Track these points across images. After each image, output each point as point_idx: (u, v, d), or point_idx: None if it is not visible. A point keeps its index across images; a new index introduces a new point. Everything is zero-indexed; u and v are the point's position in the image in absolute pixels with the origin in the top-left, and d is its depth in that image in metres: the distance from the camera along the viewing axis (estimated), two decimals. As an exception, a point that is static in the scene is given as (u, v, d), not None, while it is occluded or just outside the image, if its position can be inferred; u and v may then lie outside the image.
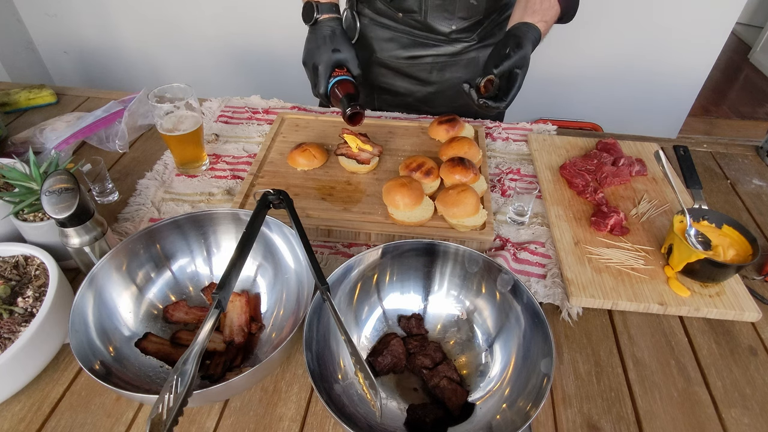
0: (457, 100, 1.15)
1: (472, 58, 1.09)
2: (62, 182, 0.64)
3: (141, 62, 2.27)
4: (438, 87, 1.13)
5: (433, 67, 1.10)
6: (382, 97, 1.20)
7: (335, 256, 0.81)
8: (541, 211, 0.90)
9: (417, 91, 1.15)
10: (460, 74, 1.11)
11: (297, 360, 0.67)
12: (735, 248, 0.76)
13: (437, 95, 1.15)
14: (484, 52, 1.09)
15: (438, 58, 1.08)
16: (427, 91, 1.15)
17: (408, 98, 1.17)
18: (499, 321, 0.66)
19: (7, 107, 1.17)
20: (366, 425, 0.56)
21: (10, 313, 0.62)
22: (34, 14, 2.18)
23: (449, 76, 1.11)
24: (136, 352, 0.64)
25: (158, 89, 0.93)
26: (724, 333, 0.72)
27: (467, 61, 1.09)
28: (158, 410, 0.46)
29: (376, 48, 1.11)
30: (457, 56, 1.09)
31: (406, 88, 1.15)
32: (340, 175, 0.95)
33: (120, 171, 1.00)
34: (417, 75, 1.12)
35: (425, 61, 1.09)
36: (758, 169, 1.04)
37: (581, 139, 1.08)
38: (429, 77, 1.12)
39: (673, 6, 1.81)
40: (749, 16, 3.60)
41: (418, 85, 1.14)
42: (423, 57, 1.08)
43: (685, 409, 0.63)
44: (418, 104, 1.18)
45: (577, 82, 2.05)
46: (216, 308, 0.55)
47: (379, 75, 1.15)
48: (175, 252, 0.73)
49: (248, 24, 2.08)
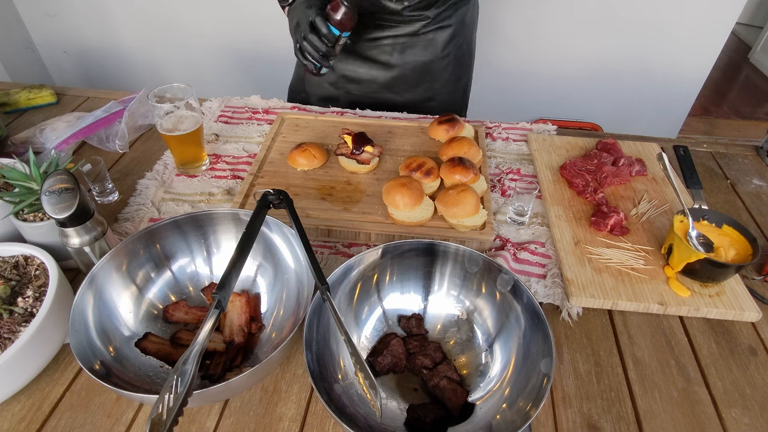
0: (420, 84, 1.17)
1: (431, 39, 1.11)
2: (62, 182, 0.64)
3: (141, 62, 2.27)
4: (400, 70, 1.14)
5: (393, 48, 1.11)
6: (346, 87, 1.20)
7: (335, 256, 0.81)
8: (541, 211, 0.90)
9: (380, 76, 1.16)
10: (420, 56, 1.12)
11: (297, 360, 0.67)
12: (735, 248, 0.76)
13: (400, 79, 1.16)
14: (440, 33, 1.10)
15: (397, 39, 1.10)
16: (390, 76, 1.15)
17: (372, 84, 1.18)
18: (499, 321, 0.66)
19: (7, 107, 1.17)
20: (366, 425, 0.56)
21: (10, 313, 0.62)
22: (34, 14, 2.18)
23: (410, 59, 1.13)
24: (136, 352, 0.64)
25: (158, 89, 0.93)
26: (724, 333, 0.72)
27: (426, 42, 1.11)
28: (158, 410, 0.46)
29: None
30: (416, 36, 1.10)
31: (370, 74, 1.16)
32: (340, 175, 0.95)
33: (120, 171, 1.00)
34: (378, 58, 1.13)
35: (385, 42, 1.10)
36: (758, 169, 1.04)
37: (581, 139, 1.08)
38: (390, 59, 1.13)
39: (673, 6, 1.81)
40: (749, 16, 3.60)
41: (381, 69, 1.15)
42: (382, 38, 1.10)
43: (685, 409, 0.63)
44: (382, 91, 1.18)
45: (577, 82, 2.05)
46: (216, 308, 0.55)
47: (341, 61, 1.16)
48: (175, 252, 0.73)
49: (248, 24, 2.08)
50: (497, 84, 2.10)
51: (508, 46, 2.01)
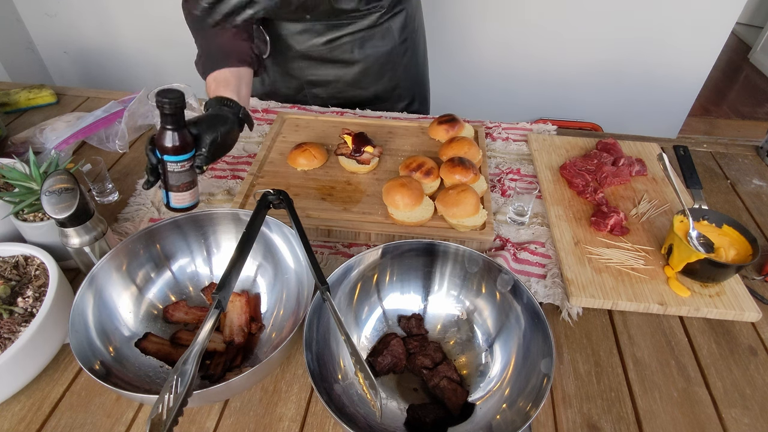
0: (384, 75, 1.16)
1: (387, 28, 1.09)
2: (62, 182, 0.64)
3: (141, 62, 2.27)
4: (363, 65, 1.13)
5: (353, 45, 1.09)
6: (312, 92, 1.19)
7: (335, 256, 0.81)
8: (541, 211, 0.90)
9: (344, 75, 1.15)
10: (379, 47, 1.11)
11: (297, 360, 0.67)
12: (735, 248, 0.76)
13: (364, 74, 1.15)
14: (395, 20, 1.10)
15: (355, 35, 1.08)
16: (354, 72, 1.14)
17: (338, 84, 1.16)
18: (499, 321, 0.66)
19: (7, 107, 1.17)
20: (366, 425, 0.56)
21: (10, 313, 0.62)
22: (34, 14, 2.18)
23: (371, 51, 1.11)
24: (136, 352, 0.64)
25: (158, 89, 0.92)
26: (724, 333, 0.72)
27: (383, 32, 1.10)
28: (158, 410, 0.46)
29: (292, 43, 1.09)
30: (372, 28, 1.08)
31: (334, 74, 1.15)
32: (340, 175, 0.95)
33: (120, 171, 1.00)
34: (340, 57, 1.11)
35: (344, 41, 1.08)
36: (758, 169, 1.04)
37: (581, 139, 1.08)
38: (352, 56, 1.11)
39: (673, 6, 1.81)
40: (749, 16, 3.60)
41: (344, 67, 1.13)
42: (341, 38, 1.08)
43: (685, 409, 0.63)
44: (348, 89, 1.17)
45: (577, 82, 2.05)
46: (216, 308, 0.55)
47: (303, 68, 1.14)
48: (175, 252, 0.73)
49: (248, 24, 2.07)
50: (497, 84, 2.10)
51: (508, 47, 2.01)
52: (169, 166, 0.72)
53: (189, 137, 0.72)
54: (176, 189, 0.74)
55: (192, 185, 0.76)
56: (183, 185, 0.74)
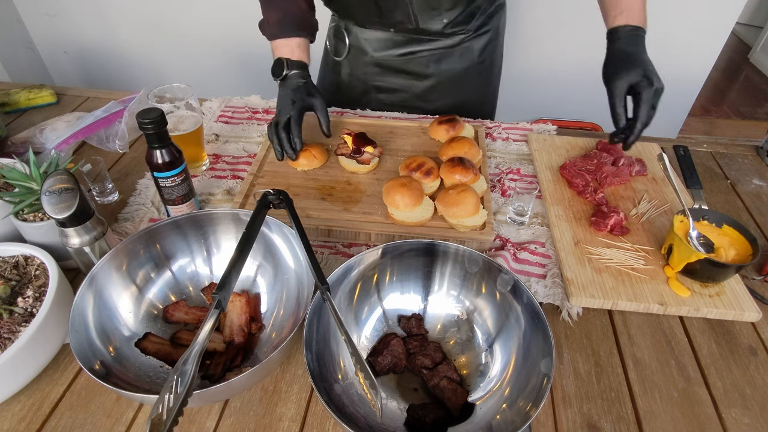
0: (453, 92, 1.15)
1: (467, 48, 1.09)
2: (62, 182, 0.64)
3: (141, 62, 2.27)
4: (435, 80, 1.13)
5: (429, 59, 1.09)
6: (377, 97, 1.19)
7: (335, 256, 0.81)
8: (541, 211, 0.90)
9: (413, 86, 1.14)
10: (456, 65, 1.10)
11: (297, 360, 0.67)
12: (735, 248, 0.76)
13: (434, 89, 1.14)
14: (477, 41, 1.09)
15: (434, 51, 1.08)
16: (424, 86, 1.14)
17: (404, 94, 1.16)
18: (499, 321, 0.66)
19: (7, 107, 1.17)
20: (366, 425, 0.56)
21: (10, 313, 0.62)
22: (34, 14, 2.18)
23: (446, 68, 1.11)
24: (136, 352, 0.64)
25: (158, 89, 0.93)
26: (724, 333, 0.72)
27: (463, 50, 1.09)
28: (158, 410, 0.46)
29: (369, 49, 1.10)
30: (454, 47, 1.08)
31: (402, 84, 1.15)
32: (340, 175, 0.95)
33: (120, 171, 1.00)
34: (413, 70, 1.11)
35: (421, 55, 1.08)
36: (758, 169, 1.04)
37: (581, 139, 1.08)
38: (425, 70, 1.11)
39: (673, 6, 1.81)
40: (749, 16, 3.60)
41: (415, 79, 1.13)
42: (419, 52, 1.08)
43: (685, 409, 0.63)
44: (414, 100, 1.17)
45: (577, 82, 2.04)
46: (216, 308, 0.55)
47: (374, 74, 1.14)
48: (175, 252, 0.73)
49: (248, 24, 2.06)
50: (497, 84, 2.09)
51: (508, 47, 2.00)
52: (162, 182, 0.76)
53: (177, 152, 0.76)
54: (172, 203, 0.79)
55: (187, 198, 0.80)
56: (178, 198, 0.79)
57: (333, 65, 1.19)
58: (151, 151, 0.74)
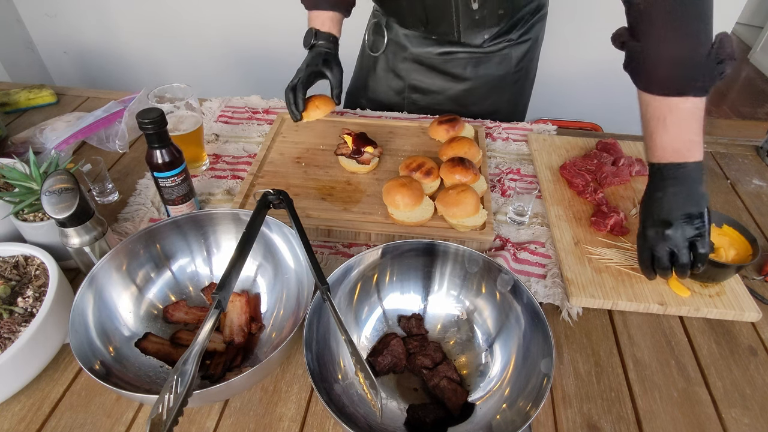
0: (489, 98, 1.14)
1: (506, 55, 1.08)
2: (62, 182, 0.64)
3: (141, 62, 2.27)
4: (472, 84, 1.12)
5: (467, 62, 1.09)
6: (411, 97, 1.18)
7: (335, 256, 0.81)
8: (541, 211, 0.90)
9: (450, 89, 1.13)
10: (493, 71, 1.10)
11: (297, 360, 0.67)
12: (735, 248, 0.76)
13: (470, 93, 1.13)
14: (517, 49, 1.08)
15: (473, 54, 1.08)
16: (460, 89, 1.13)
17: (439, 96, 1.15)
18: (499, 321, 0.66)
19: (7, 107, 1.17)
20: (366, 425, 0.56)
21: (10, 313, 0.62)
22: (34, 14, 2.18)
23: (483, 73, 1.10)
24: (136, 352, 0.64)
25: (158, 89, 0.93)
26: (724, 333, 0.72)
27: (501, 57, 1.09)
28: (158, 410, 0.46)
29: (407, 44, 1.10)
30: (493, 53, 1.08)
31: (439, 86, 1.14)
32: (340, 175, 0.95)
33: (120, 171, 1.00)
34: (451, 71, 1.11)
35: (460, 56, 1.08)
36: (758, 169, 1.04)
37: (581, 139, 1.08)
38: (463, 73, 1.10)
39: (673, 6, 1.80)
40: (749, 16, 3.59)
41: (452, 81, 1.12)
42: (458, 53, 1.08)
43: (685, 409, 0.63)
44: (448, 104, 1.16)
45: (577, 82, 2.04)
46: (216, 308, 0.55)
47: (411, 71, 1.13)
48: (175, 252, 0.73)
49: (248, 24, 2.07)
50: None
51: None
52: (162, 182, 0.77)
53: (177, 152, 0.76)
54: (172, 203, 0.80)
55: (187, 198, 0.80)
56: (178, 198, 0.79)
57: (369, 62, 1.19)
58: (151, 151, 0.74)
